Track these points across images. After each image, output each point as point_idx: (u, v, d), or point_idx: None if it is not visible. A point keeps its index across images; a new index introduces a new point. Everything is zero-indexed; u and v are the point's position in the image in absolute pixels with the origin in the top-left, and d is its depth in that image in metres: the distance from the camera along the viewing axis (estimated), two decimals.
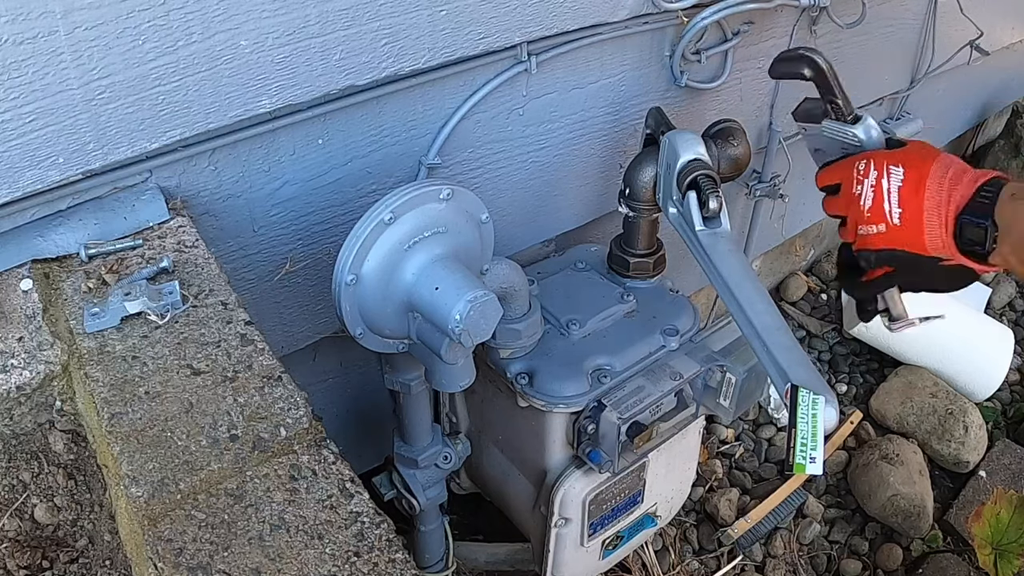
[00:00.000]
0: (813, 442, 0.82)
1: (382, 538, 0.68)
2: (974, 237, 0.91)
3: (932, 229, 0.93)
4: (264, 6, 0.91)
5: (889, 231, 0.96)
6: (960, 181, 0.92)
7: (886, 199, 0.96)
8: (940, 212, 0.93)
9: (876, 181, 0.97)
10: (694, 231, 1.10)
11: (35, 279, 0.88)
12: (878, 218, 0.96)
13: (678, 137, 1.14)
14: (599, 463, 1.20)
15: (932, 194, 0.93)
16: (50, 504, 0.85)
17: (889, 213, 0.96)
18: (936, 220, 0.93)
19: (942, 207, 0.93)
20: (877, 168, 0.97)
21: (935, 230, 0.93)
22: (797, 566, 1.84)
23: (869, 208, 0.97)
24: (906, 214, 0.95)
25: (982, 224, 0.89)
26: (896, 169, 0.96)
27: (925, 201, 0.93)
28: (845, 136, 1.08)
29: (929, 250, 0.94)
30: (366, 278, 0.96)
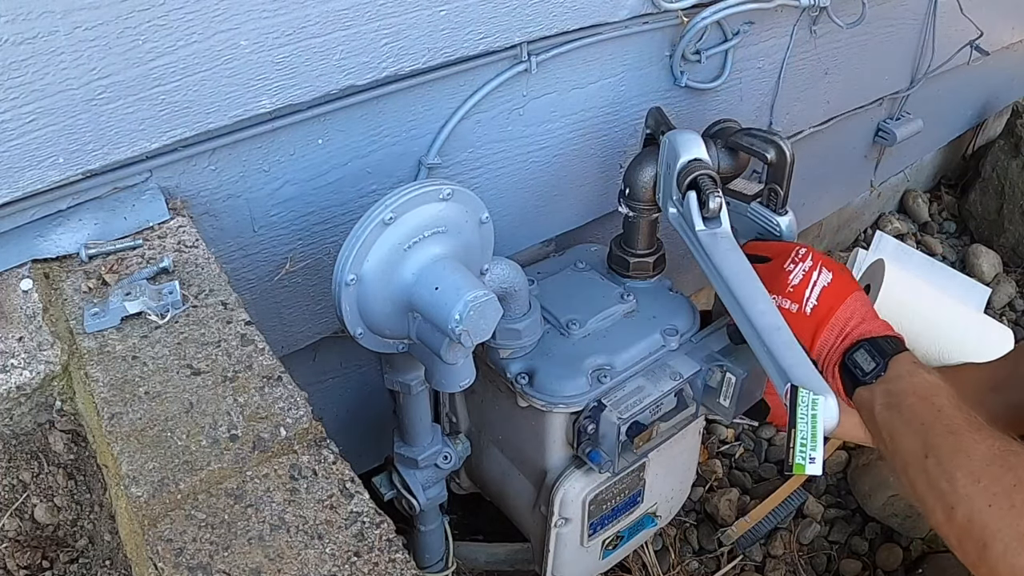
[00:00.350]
0: (813, 442, 0.83)
1: (382, 538, 0.68)
2: (863, 363, 1.01)
3: (830, 333, 1.04)
4: (264, 6, 0.91)
5: (797, 314, 1.06)
6: (874, 316, 1.05)
7: (810, 287, 1.06)
8: (844, 326, 1.04)
9: (808, 270, 1.07)
10: (694, 231, 1.10)
11: (35, 279, 0.88)
12: (796, 298, 1.07)
13: (678, 137, 1.14)
14: (599, 463, 1.20)
15: (847, 307, 1.05)
16: (50, 504, 0.85)
17: (806, 299, 1.06)
18: (836, 330, 1.04)
19: (849, 322, 1.04)
20: (814, 260, 1.08)
21: (831, 335, 1.04)
22: (797, 566, 1.84)
23: (794, 286, 1.07)
24: (819, 308, 1.05)
25: (878, 360, 1.00)
26: (827, 272, 1.07)
27: (840, 309, 1.04)
28: (769, 223, 1.18)
29: (812, 347, 1.05)
30: (366, 278, 0.96)
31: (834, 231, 2.48)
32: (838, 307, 1.04)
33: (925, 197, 2.73)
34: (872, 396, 0.98)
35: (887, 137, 2.06)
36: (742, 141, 1.19)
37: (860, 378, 1.00)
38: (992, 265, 2.51)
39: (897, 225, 2.59)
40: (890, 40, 1.80)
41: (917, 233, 2.64)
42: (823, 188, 2.08)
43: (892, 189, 2.62)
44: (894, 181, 2.56)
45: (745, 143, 1.18)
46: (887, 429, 0.95)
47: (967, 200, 2.69)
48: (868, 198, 2.48)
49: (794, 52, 1.57)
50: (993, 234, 2.60)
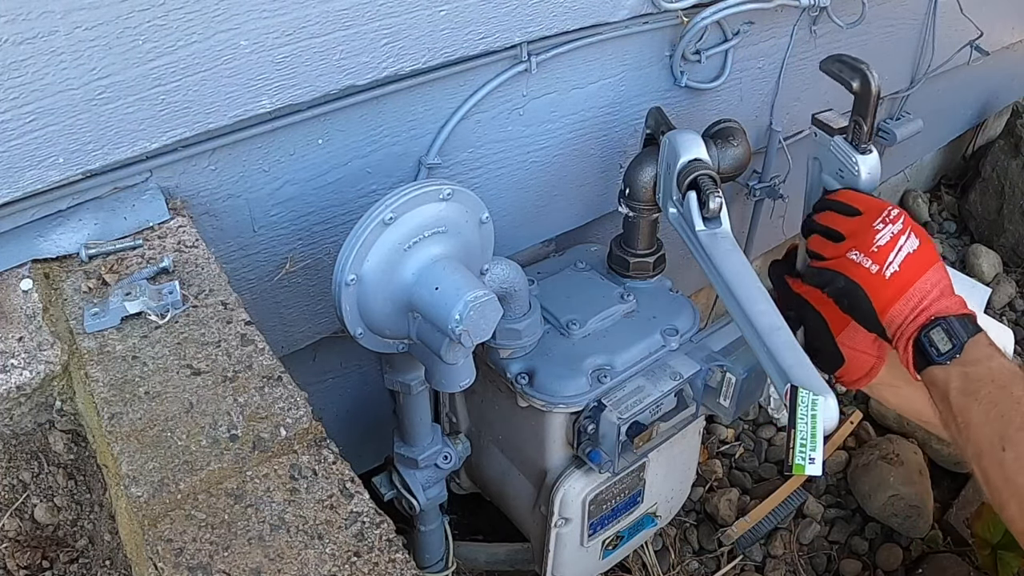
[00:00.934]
0: (813, 443, 0.82)
1: (382, 538, 0.68)
2: (939, 343, 0.95)
3: (905, 304, 0.97)
4: (264, 6, 0.91)
5: (876, 276, 0.98)
6: (951, 291, 0.98)
7: (895, 252, 0.98)
8: (921, 299, 0.97)
9: (897, 233, 0.99)
10: (694, 231, 1.10)
11: (35, 279, 0.88)
12: (879, 259, 0.99)
13: (678, 137, 1.14)
14: (599, 463, 1.20)
15: (927, 279, 0.98)
16: (50, 504, 0.85)
17: (888, 263, 0.98)
18: (913, 302, 0.97)
19: (928, 296, 0.97)
20: (905, 224, 1.00)
21: (906, 307, 0.97)
22: (797, 566, 1.84)
23: (880, 247, 0.99)
24: (900, 275, 0.98)
25: (955, 341, 0.94)
26: (915, 239, 0.99)
27: (919, 281, 0.97)
28: (848, 160, 1.09)
29: (884, 314, 0.98)
30: (366, 278, 0.96)
31: None
32: (918, 278, 0.97)
33: (925, 197, 2.73)
34: (947, 377, 0.94)
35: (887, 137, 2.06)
36: (831, 67, 1.13)
37: (935, 358, 0.95)
38: (992, 265, 2.51)
39: None
40: (890, 40, 1.80)
41: None
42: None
43: (892, 189, 2.62)
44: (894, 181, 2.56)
45: (834, 69, 1.12)
46: (962, 415, 0.91)
47: (967, 200, 2.69)
48: None
49: (794, 52, 1.57)
50: (993, 234, 2.60)
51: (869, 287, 0.98)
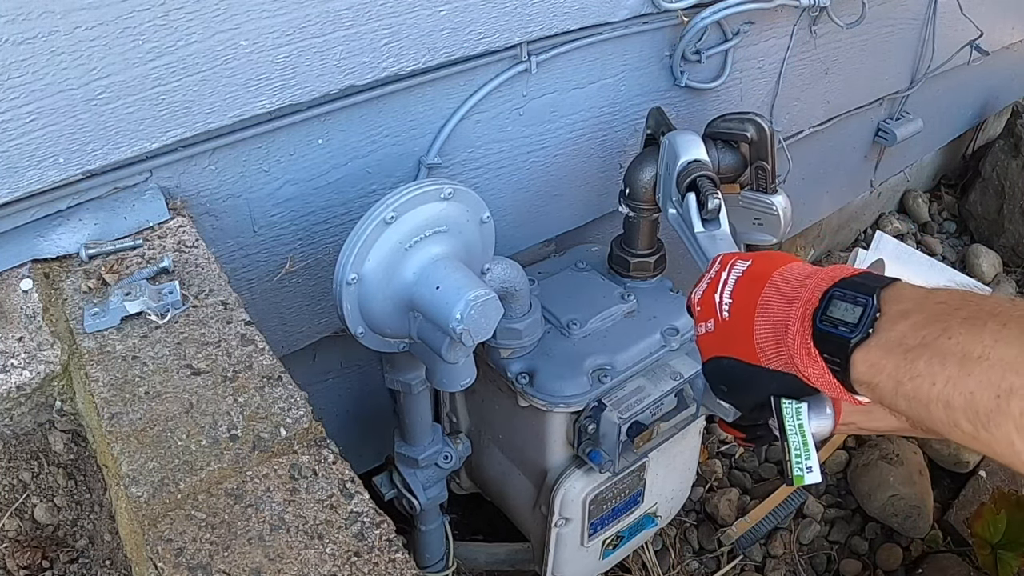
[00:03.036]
0: (806, 451, 0.76)
1: (382, 538, 0.68)
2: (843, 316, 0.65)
3: (766, 316, 0.71)
4: (264, 6, 0.91)
5: (717, 329, 0.76)
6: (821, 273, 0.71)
7: (719, 290, 0.76)
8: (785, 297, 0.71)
9: (716, 274, 0.78)
10: (693, 232, 1.10)
11: (35, 279, 0.88)
12: (707, 313, 0.77)
13: (678, 138, 1.14)
14: (599, 463, 1.20)
15: (777, 280, 0.72)
16: (50, 504, 0.85)
17: (719, 305, 0.76)
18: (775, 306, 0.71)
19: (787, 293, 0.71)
20: (723, 263, 0.79)
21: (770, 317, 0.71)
22: (797, 566, 1.84)
23: (699, 300, 0.79)
24: (736, 304, 0.74)
25: (861, 300, 0.65)
26: (742, 263, 0.77)
27: (766, 287, 0.72)
28: (763, 205, 1.10)
29: (757, 348, 0.72)
30: (367, 277, 0.96)
31: (834, 231, 2.48)
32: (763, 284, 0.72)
33: (925, 197, 2.73)
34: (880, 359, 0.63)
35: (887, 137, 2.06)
36: (719, 128, 1.18)
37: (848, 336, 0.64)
38: (992, 265, 2.51)
39: (897, 225, 2.59)
40: (890, 40, 1.80)
41: (917, 233, 2.64)
42: (823, 188, 2.08)
43: (892, 189, 2.62)
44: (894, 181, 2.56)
45: (723, 129, 1.17)
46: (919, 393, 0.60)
47: (967, 200, 2.69)
48: (868, 198, 2.48)
49: (794, 52, 1.57)
50: (993, 234, 2.60)
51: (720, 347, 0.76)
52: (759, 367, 0.72)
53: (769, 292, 0.72)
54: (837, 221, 2.44)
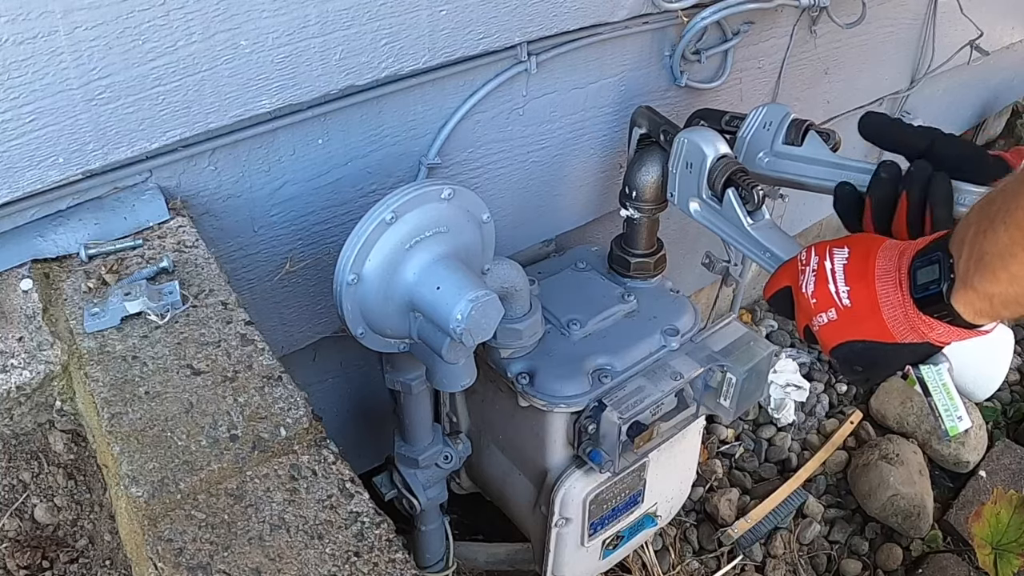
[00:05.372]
0: (953, 404, 0.86)
1: (382, 538, 0.68)
2: (927, 278, 0.75)
3: (887, 297, 0.79)
4: (264, 6, 0.91)
5: (840, 317, 0.83)
6: (913, 245, 0.80)
7: (830, 280, 0.83)
8: (893, 276, 0.79)
9: (818, 265, 0.85)
10: (742, 228, 1.06)
11: (35, 279, 0.88)
12: (825, 303, 0.84)
13: (699, 135, 1.11)
14: (600, 463, 1.20)
15: (883, 261, 0.80)
16: (50, 504, 0.85)
17: (836, 294, 0.82)
18: (891, 286, 0.79)
19: (893, 272, 0.79)
20: (819, 253, 0.86)
21: (891, 297, 0.79)
22: (797, 566, 1.84)
23: (812, 293, 0.85)
24: (855, 291, 0.81)
25: (933, 259, 0.75)
26: (840, 250, 0.84)
27: (876, 269, 0.80)
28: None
29: (889, 328, 0.80)
30: (367, 278, 0.96)
31: (834, 231, 2.48)
32: (874, 266, 0.80)
33: None
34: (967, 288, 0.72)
35: None
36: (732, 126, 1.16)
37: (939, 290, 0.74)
38: None
39: None
40: (890, 40, 1.80)
41: None
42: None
43: None
44: None
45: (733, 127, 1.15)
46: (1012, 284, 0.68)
47: None
48: None
49: (794, 52, 1.57)
50: None
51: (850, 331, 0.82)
52: (896, 344, 0.80)
53: (881, 276, 0.80)
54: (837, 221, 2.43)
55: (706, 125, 1.17)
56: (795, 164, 1.08)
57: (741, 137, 1.13)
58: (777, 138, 1.10)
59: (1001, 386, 2.16)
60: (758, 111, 1.12)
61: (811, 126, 1.09)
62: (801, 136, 1.09)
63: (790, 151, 1.09)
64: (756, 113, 1.12)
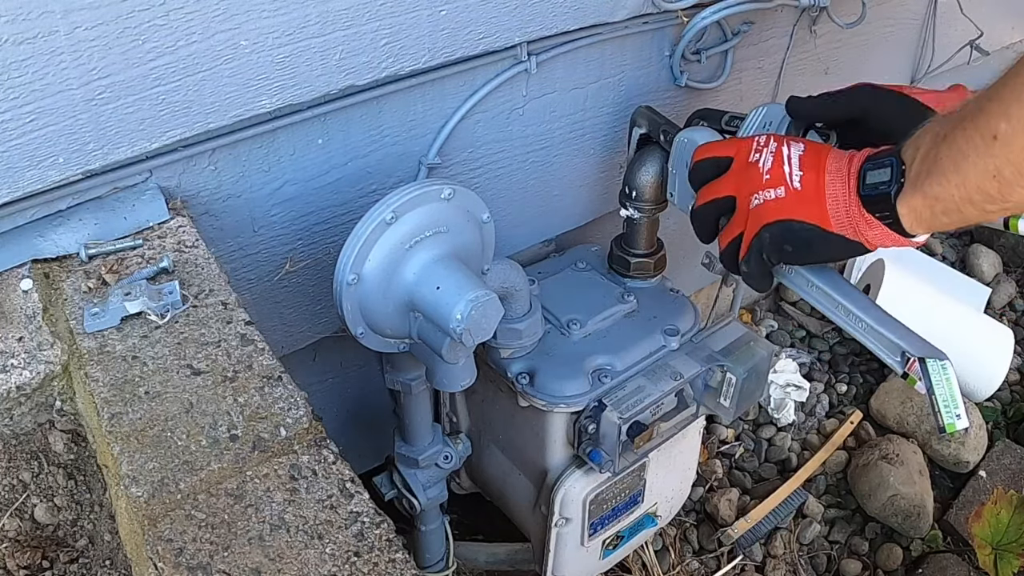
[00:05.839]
0: (955, 401, 0.87)
1: (382, 538, 0.68)
2: (877, 179, 0.82)
3: (834, 189, 0.86)
4: (264, 6, 0.91)
5: (787, 196, 0.89)
6: (863, 152, 0.87)
7: (786, 162, 0.90)
8: (842, 174, 0.86)
9: (776, 149, 0.92)
10: None
11: (35, 279, 0.88)
12: (776, 181, 0.90)
13: (698, 135, 1.11)
14: (599, 463, 1.20)
15: (834, 159, 0.88)
16: (50, 504, 0.85)
17: (789, 176, 0.89)
18: (839, 181, 0.86)
19: (842, 170, 0.86)
20: (776, 140, 0.93)
21: (837, 191, 0.86)
22: (797, 566, 1.84)
23: (768, 170, 0.90)
24: (807, 177, 0.88)
25: (885, 163, 0.82)
26: (796, 144, 0.92)
27: (828, 163, 0.87)
28: None
29: (830, 216, 0.86)
30: (367, 278, 0.96)
31: None
32: (826, 160, 0.88)
33: None
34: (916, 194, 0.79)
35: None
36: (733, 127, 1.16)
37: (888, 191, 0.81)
38: (992, 265, 2.50)
39: None
40: (890, 40, 1.80)
41: None
42: None
43: None
44: None
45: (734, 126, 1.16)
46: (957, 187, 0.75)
47: None
48: None
49: (794, 52, 1.57)
50: (993, 234, 2.59)
51: (792, 210, 0.88)
52: (831, 232, 0.86)
53: (829, 169, 0.87)
54: None
55: (705, 125, 1.17)
56: None
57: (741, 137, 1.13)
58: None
59: (1001, 386, 2.16)
60: (758, 111, 1.11)
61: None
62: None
63: None
64: (756, 113, 1.11)
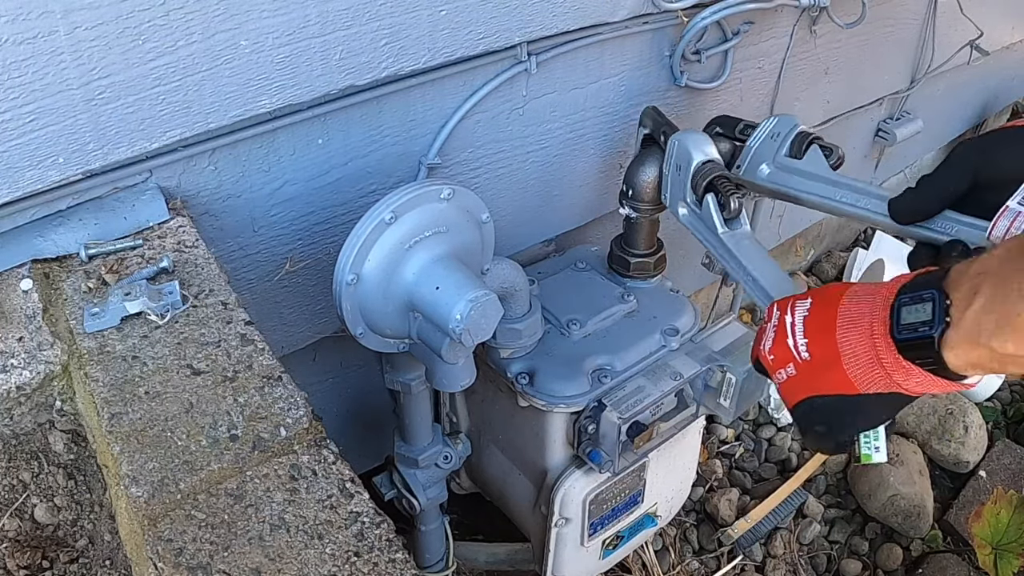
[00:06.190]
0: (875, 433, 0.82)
1: (382, 538, 0.68)
2: (915, 318, 0.66)
3: (849, 344, 0.70)
4: (264, 6, 0.91)
5: (799, 372, 0.75)
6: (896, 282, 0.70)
7: (789, 333, 0.76)
8: (862, 320, 0.70)
9: (779, 320, 0.78)
10: (716, 234, 1.07)
11: (35, 279, 0.88)
12: (783, 360, 0.76)
13: (688, 138, 1.12)
14: (599, 463, 1.20)
15: (848, 306, 0.72)
16: (50, 504, 0.85)
17: (795, 348, 0.75)
18: (855, 332, 0.70)
19: (863, 315, 0.70)
20: (780, 308, 0.79)
21: (854, 344, 0.70)
22: (797, 566, 1.84)
23: (770, 349, 0.78)
24: (814, 342, 0.73)
25: (925, 295, 0.65)
26: (803, 302, 0.77)
27: (840, 315, 0.72)
28: None
29: (852, 378, 0.71)
30: (367, 278, 0.96)
31: (834, 231, 2.49)
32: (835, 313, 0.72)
33: None
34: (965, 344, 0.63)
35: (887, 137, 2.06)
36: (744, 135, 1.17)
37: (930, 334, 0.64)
38: None
39: None
40: (890, 40, 1.80)
41: None
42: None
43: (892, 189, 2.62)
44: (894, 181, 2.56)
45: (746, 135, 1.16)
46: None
47: None
48: None
49: (794, 52, 1.57)
50: None
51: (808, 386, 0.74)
52: (859, 396, 0.72)
53: (843, 322, 0.71)
54: (837, 221, 2.44)
55: (713, 131, 1.17)
56: (792, 177, 1.08)
57: (747, 147, 1.13)
58: (781, 150, 1.10)
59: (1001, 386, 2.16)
60: (769, 121, 1.11)
61: (816, 140, 1.08)
62: (803, 149, 1.08)
63: (790, 164, 1.08)
64: (766, 123, 1.12)
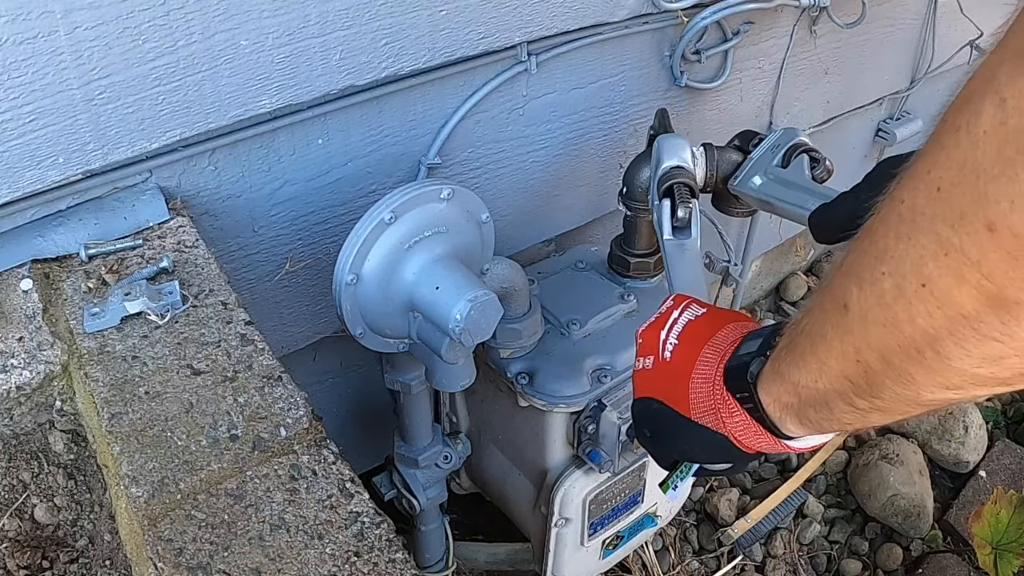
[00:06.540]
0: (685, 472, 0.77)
1: (382, 538, 0.68)
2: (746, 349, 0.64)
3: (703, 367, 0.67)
4: (264, 6, 0.91)
5: (654, 368, 0.71)
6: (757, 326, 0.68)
7: (666, 328, 0.71)
8: (722, 348, 0.67)
9: (667, 310, 0.73)
10: (662, 239, 1.06)
11: (35, 279, 0.88)
12: (648, 348, 0.72)
13: (665, 142, 1.12)
14: (599, 463, 1.20)
15: (724, 332, 0.68)
16: (50, 504, 0.85)
17: (662, 344, 0.70)
18: (713, 357, 0.66)
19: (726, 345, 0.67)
20: (677, 301, 0.74)
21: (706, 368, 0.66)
22: (797, 566, 1.84)
23: (642, 332, 0.73)
24: (681, 348, 0.69)
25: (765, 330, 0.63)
26: (698, 308, 0.73)
27: (711, 339, 0.68)
28: None
29: (690, 399, 0.67)
30: (367, 278, 0.96)
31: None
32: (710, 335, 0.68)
33: None
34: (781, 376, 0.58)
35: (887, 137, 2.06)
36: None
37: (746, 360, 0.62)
38: None
39: None
40: (890, 40, 1.80)
41: None
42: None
43: None
44: None
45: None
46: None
47: None
48: None
49: (794, 52, 1.57)
50: None
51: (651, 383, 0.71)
52: (689, 420, 0.67)
53: (713, 343, 0.67)
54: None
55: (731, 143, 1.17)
56: (774, 186, 1.08)
57: (749, 158, 1.13)
58: (774, 161, 1.10)
59: None
60: (774, 134, 1.12)
61: (807, 151, 1.08)
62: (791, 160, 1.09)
63: (776, 172, 1.09)
64: (771, 136, 1.12)
